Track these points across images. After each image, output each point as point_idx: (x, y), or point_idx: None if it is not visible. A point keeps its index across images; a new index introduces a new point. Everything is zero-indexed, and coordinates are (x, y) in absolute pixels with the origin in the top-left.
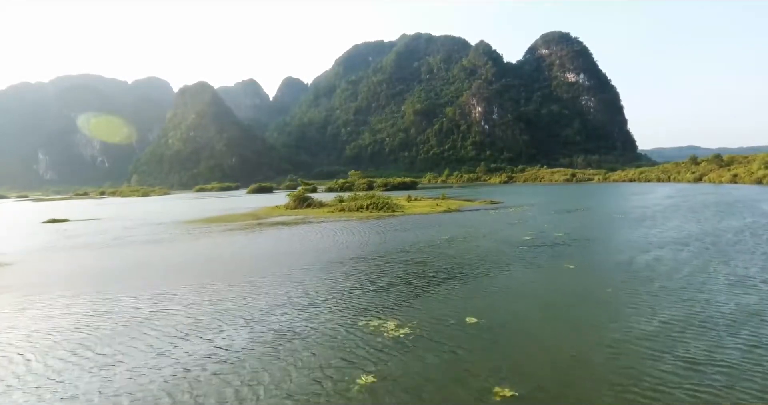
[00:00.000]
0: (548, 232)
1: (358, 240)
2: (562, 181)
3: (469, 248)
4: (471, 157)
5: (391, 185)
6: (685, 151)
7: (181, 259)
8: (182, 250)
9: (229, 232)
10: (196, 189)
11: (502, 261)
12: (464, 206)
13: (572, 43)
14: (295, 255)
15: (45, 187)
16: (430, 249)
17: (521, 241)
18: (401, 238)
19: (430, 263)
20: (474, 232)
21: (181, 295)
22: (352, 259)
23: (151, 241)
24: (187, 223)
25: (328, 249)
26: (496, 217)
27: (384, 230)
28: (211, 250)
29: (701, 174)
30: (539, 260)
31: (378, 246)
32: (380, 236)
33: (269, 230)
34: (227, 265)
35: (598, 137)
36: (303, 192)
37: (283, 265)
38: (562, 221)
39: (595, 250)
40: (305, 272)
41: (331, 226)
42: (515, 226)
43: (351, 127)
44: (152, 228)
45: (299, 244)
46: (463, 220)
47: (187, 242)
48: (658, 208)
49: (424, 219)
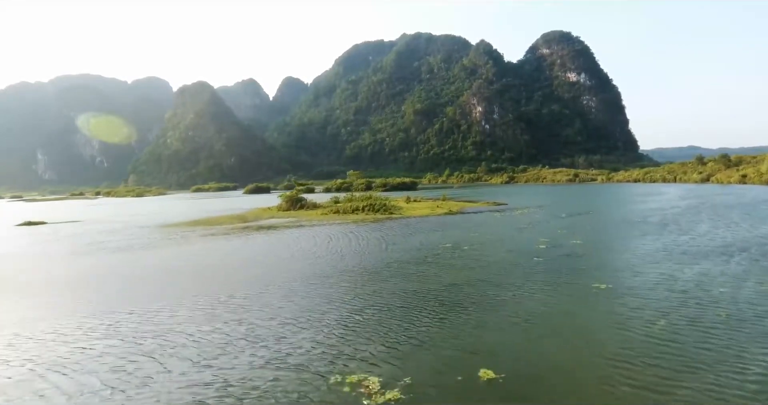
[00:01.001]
0: (564, 240)
1: (349, 248)
2: (564, 181)
3: (476, 259)
4: (471, 157)
5: (391, 185)
6: (686, 151)
7: (143, 273)
8: (150, 260)
9: (210, 238)
10: (193, 189)
11: (518, 278)
12: (466, 208)
13: (573, 43)
14: (274, 267)
15: (43, 187)
16: (432, 260)
17: (535, 251)
18: (398, 245)
19: (430, 280)
20: (480, 239)
21: (117, 322)
22: (339, 273)
23: (123, 247)
24: (169, 226)
25: (313, 259)
26: (502, 221)
27: (380, 236)
28: (180, 261)
29: (708, 174)
30: (562, 277)
31: (371, 256)
32: (375, 243)
33: (254, 235)
34: (190, 280)
35: (599, 137)
36: (296, 193)
37: (257, 281)
38: (575, 226)
39: (624, 263)
40: (280, 293)
41: (322, 230)
42: (525, 231)
43: (351, 127)
44: (131, 232)
45: (282, 253)
46: (466, 224)
47: (160, 250)
48: (676, 210)
49: (423, 222)
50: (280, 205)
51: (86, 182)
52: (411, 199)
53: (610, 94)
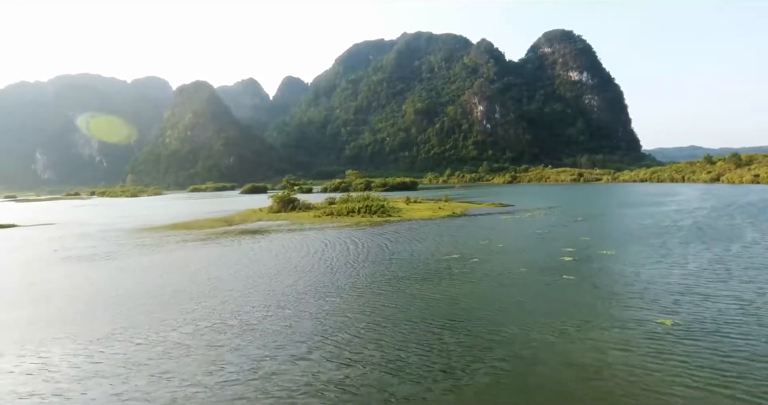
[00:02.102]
0: (591, 250)
1: (340, 259)
2: (568, 181)
3: (490, 277)
4: (473, 156)
5: (390, 185)
6: (687, 151)
7: (81, 293)
8: (103, 273)
9: (185, 245)
10: (190, 189)
11: (551, 308)
12: (471, 210)
13: (575, 41)
14: (240, 287)
15: (41, 187)
16: (437, 277)
17: (562, 266)
18: (397, 255)
19: (437, 309)
20: (492, 248)
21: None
22: (316, 299)
23: (85, 256)
24: (147, 230)
25: (289, 277)
26: (512, 225)
27: (376, 243)
28: (135, 277)
29: (718, 174)
30: (610, 308)
31: (365, 270)
32: (370, 253)
33: (235, 241)
34: (140, 301)
35: (601, 136)
36: (288, 193)
37: (216, 308)
38: (598, 232)
39: (681, 284)
40: (237, 328)
41: (311, 236)
42: (541, 238)
43: (351, 127)
44: (103, 236)
45: (258, 265)
46: (473, 229)
47: (123, 260)
48: (704, 212)
49: (425, 226)
50: (271, 206)
51: (85, 182)
52: (411, 200)
53: (612, 93)
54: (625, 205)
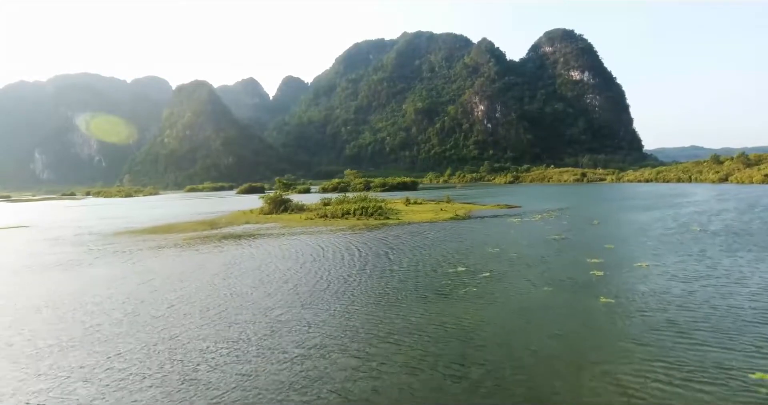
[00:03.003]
0: (621, 260)
1: (323, 275)
2: (572, 181)
3: (507, 299)
4: (473, 156)
5: (390, 185)
6: (688, 150)
7: (14, 314)
8: (47, 288)
9: (161, 251)
10: (187, 189)
11: (607, 353)
12: (475, 211)
13: (576, 40)
14: (205, 314)
15: (39, 187)
16: (442, 303)
17: (595, 283)
18: (392, 268)
19: (446, 358)
20: (504, 258)
21: None
22: (291, 332)
23: (47, 265)
24: (125, 234)
25: (267, 298)
26: (523, 230)
27: (369, 253)
28: (86, 293)
29: (726, 174)
30: (674, 350)
31: (350, 291)
32: (361, 266)
33: (215, 248)
34: (60, 334)
35: (603, 136)
36: (280, 194)
37: (158, 348)
38: (621, 237)
39: (757, 311)
40: (177, 381)
41: (299, 242)
42: (560, 245)
43: (351, 126)
44: (76, 241)
45: (233, 280)
46: (479, 233)
47: (84, 269)
48: (729, 214)
49: (425, 231)
50: (262, 208)
51: (84, 182)
52: (411, 201)
53: (614, 93)
54: (639, 207)
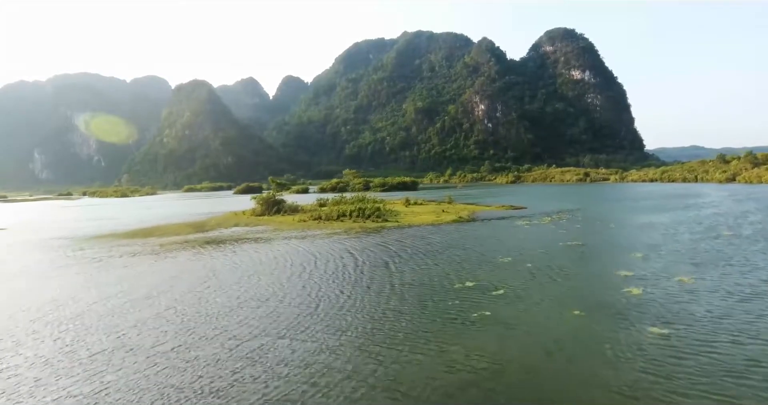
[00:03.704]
0: (656, 273)
1: (309, 290)
2: (574, 180)
3: (538, 331)
4: (474, 156)
5: (390, 185)
6: (688, 150)
7: None
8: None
9: (135, 258)
10: (185, 189)
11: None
12: (479, 213)
13: (577, 40)
14: (146, 348)
15: (38, 187)
16: (448, 333)
17: (635, 305)
18: (388, 282)
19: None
20: (519, 269)
21: None
22: (254, 383)
23: (6, 275)
24: (103, 238)
25: (231, 327)
26: (535, 233)
27: (362, 262)
28: (21, 309)
29: (733, 173)
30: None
31: (337, 316)
32: (352, 280)
33: (196, 256)
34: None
35: (604, 136)
36: (273, 194)
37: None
38: (648, 244)
39: None
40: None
41: (289, 248)
42: (581, 253)
43: (351, 126)
44: (49, 245)
45: (196, 304)
46: (487, 238)
47: (37, 281)
48: (756, 216)
49: (427, 235)
50: (254, 209)
51: (83, 182)
52: (411, 202)
53: (615, 92)
54: (653, 208)
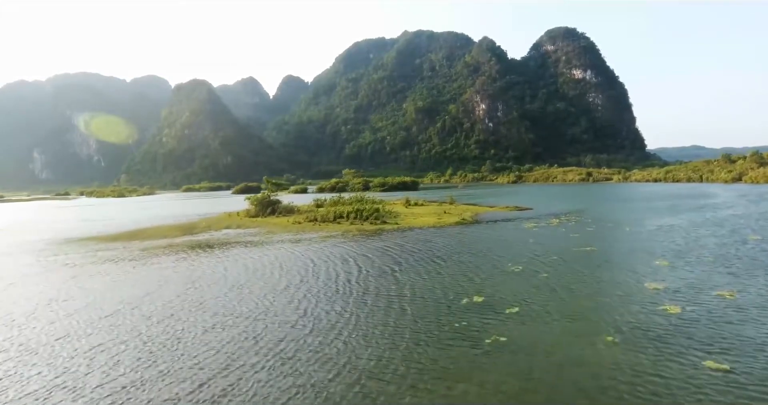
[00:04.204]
0: (692, 285)
1: (297, 307)
2: (577, 180)
3: (566, 367)
4: (474, 155)
5: (390, 185)
6: (689, 150)
7: None
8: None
9: (113, 265)
10: (184, 189)
11: None
12: (482, 214)
13: (579, 39)
14: (90, 388)
15: (37, 187)
16: (462, 377)
17: (676, 328)
18: (387, 297)
19: None
20: (533, 281)
21: None
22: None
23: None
24: (85, 240)
25: (204, 359)
26: (545, 237)
27: (359, 271)
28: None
29: (739, 173)
30: None
31: (329, 346)
32: (343, 295)
33: (178, 262)
34: None
35: (605, 135)
36: (268, 195)
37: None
38: (671, 250)
39: None
40: None
41: (281, 254)
42: (600, 262)
43: (351, 126)
44: (28, 248)
45: (169, 325)
46: (493, 243)
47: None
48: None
49: (429, 239)
50: (248, 210)
51: (83, 182)
52: (411, 203)
53: (616, 92)
54: (665, 209)
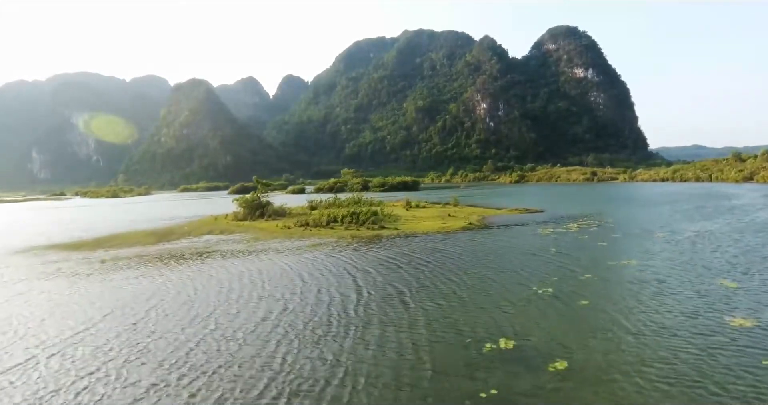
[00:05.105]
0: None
1: (271, 347)
2: (581, 180)
3: None
4: (476, 155)
5: (390, 185)
6: (690, 150)
7: None
8: None
9: (64, 280)
10: (180, 189)
11: None
12: (490, 217)
13: (580, 38)
14: None
15: (35, 187)
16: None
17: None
18: (382, 335)
19: None
20: (573, 311)
21: None
22: None
23: None
24: (43, 249)
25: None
26: (566, 247)
27: (358, 293)
28: None
29: (751, 172)
30: None
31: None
32: (334, 329)
33: (135, 280)
34: None
35: (607, 135)
36: (257, 196)
37: None
38: (728, 264)
39: None
40: None
41: (262, 266)
42: (645, 280)
43: (351, 125)
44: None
45: (101, 385)
46: (510, 255)
47: None
48: None
49: (436, 247)
50: (236, 213)
51: (82, 182)
52: (412, 205)
53: (618, 91)
54: (695, 213)
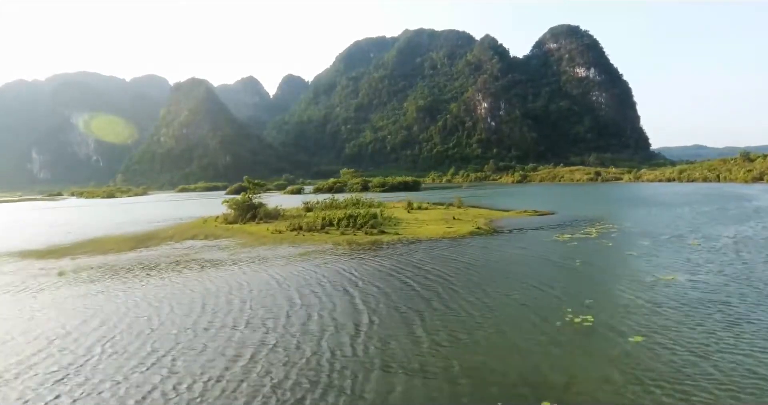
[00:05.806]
0: None
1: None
2: (585, 180)
3: None
4: (477, 155)
5: (390, 185)
6: (691, 149)
7: None
8: None
9: (7, 296)
10: (179, 189)
11: None
12: (498, 220)
13: (581, 37)
14: None
15: (34, 186)
16: None
17: None
18: (380, 378)
19: None
20: (614, 349)
21: None
22: None
23: None
24: (5, 256)
25: None
26: (592, 257)
27: (356, 322)
28: None
29: (760, 172)
30: None
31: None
32: (339, 384)
33: (96, 292)
34: None
35: (609, 134)
36: (249, 197)
37: None
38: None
39: None
40: None
41: (245, 280)
42: (701, 303)
43: (351, 125)
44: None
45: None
46: (532, 268)
47: None
48: None
49: (443, 257)
50: (227, 215)
51: (81, 181)
52: (414, 207)
53: (620, 90)
54: (720, 215)
